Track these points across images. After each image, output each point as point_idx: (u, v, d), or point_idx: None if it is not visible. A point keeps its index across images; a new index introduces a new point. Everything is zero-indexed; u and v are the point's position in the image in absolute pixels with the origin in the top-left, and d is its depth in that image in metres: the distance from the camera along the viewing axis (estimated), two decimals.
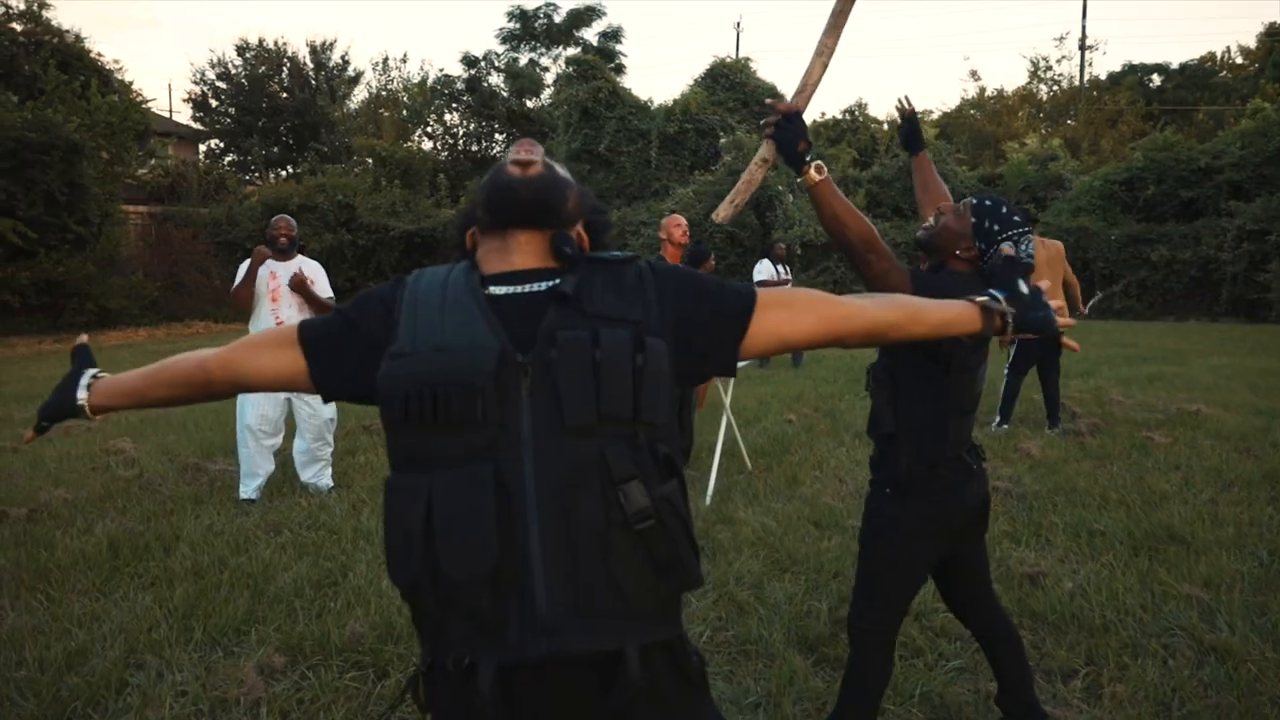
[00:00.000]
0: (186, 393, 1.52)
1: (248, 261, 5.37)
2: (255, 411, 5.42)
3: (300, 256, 5.57)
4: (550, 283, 1.30)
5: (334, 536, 4.67)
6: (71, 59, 21.07)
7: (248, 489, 5.48)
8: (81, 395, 1.52)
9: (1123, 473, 5.67)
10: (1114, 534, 4.46)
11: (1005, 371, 7.14)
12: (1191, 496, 5.14)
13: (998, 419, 7.19)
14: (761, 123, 2.18)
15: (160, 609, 3.72)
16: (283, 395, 5.51)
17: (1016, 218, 2.36)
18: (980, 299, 1.55)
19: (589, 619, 1.17)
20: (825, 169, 2.17)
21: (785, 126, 2.14)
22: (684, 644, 1.29)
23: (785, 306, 1.40)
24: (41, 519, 5.04)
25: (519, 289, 1.30)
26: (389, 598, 3.80)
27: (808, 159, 2.14)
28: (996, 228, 2.34)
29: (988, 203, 2.39)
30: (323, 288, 5.57)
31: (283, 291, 5.41)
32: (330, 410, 5.65)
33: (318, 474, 5.64)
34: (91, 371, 1.55)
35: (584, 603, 1.17)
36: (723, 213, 2.22)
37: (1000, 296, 1.56)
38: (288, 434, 5.74)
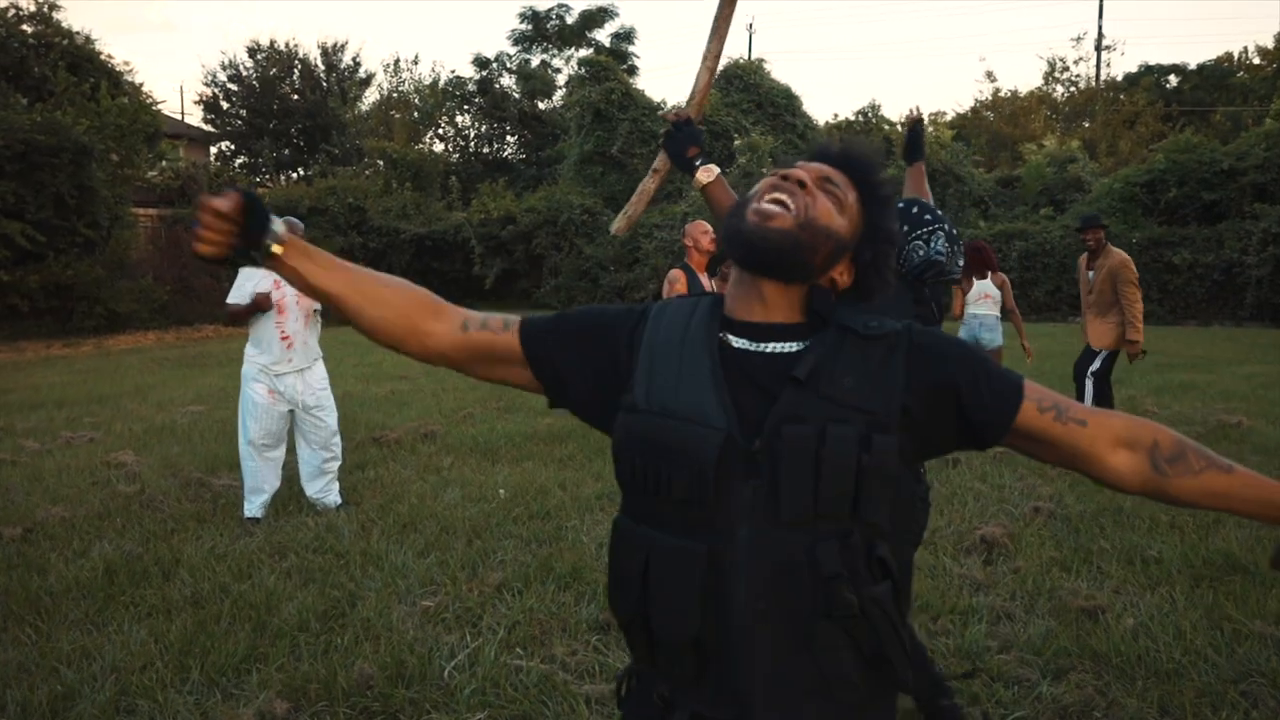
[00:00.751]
0: (393, 308, 1.35)
1: (251, 283, 5.08)
2: (258, 426, 5.19)
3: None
4: (794, 345, 1.24)
5: (341, 561, 4.43)
6: (81, 61, 20.95)
7: (252, 507, 5.25)
8: (278, 226, 1.27)
9: None
10: (1170, 561, 4.19)
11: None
12: (1246, 519, 4.85)
13: None
14: (661, 132, 2.29)
15: (155, 644, 3.49)
16: (285, 407, 5.28)
17: (927, 215, 2.38)
18: None
19: (788, 699, 1.18)
20: (716, 171, 2.18)
21: (675, 135, 2.19)
22: None
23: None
24: (36, 539, 4.82)
25: (758, 347, 1.25)
26: (399, 633, 3.57)
27: (698, 163, 2.16)
28: (906, 228, 2.35)
29: (899, 205, 2.34)
30: None
31: (288, 303, 5.16)
32: (335, 421, 5.42)
33: (324, 489, 5.41)
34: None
35: (784, 684, 1.18)
36: (619, 224, 2.28)
37: None
38: (289, 445, 5.49)
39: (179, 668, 3.29)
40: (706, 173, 2.16)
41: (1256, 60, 37.54)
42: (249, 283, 5.12)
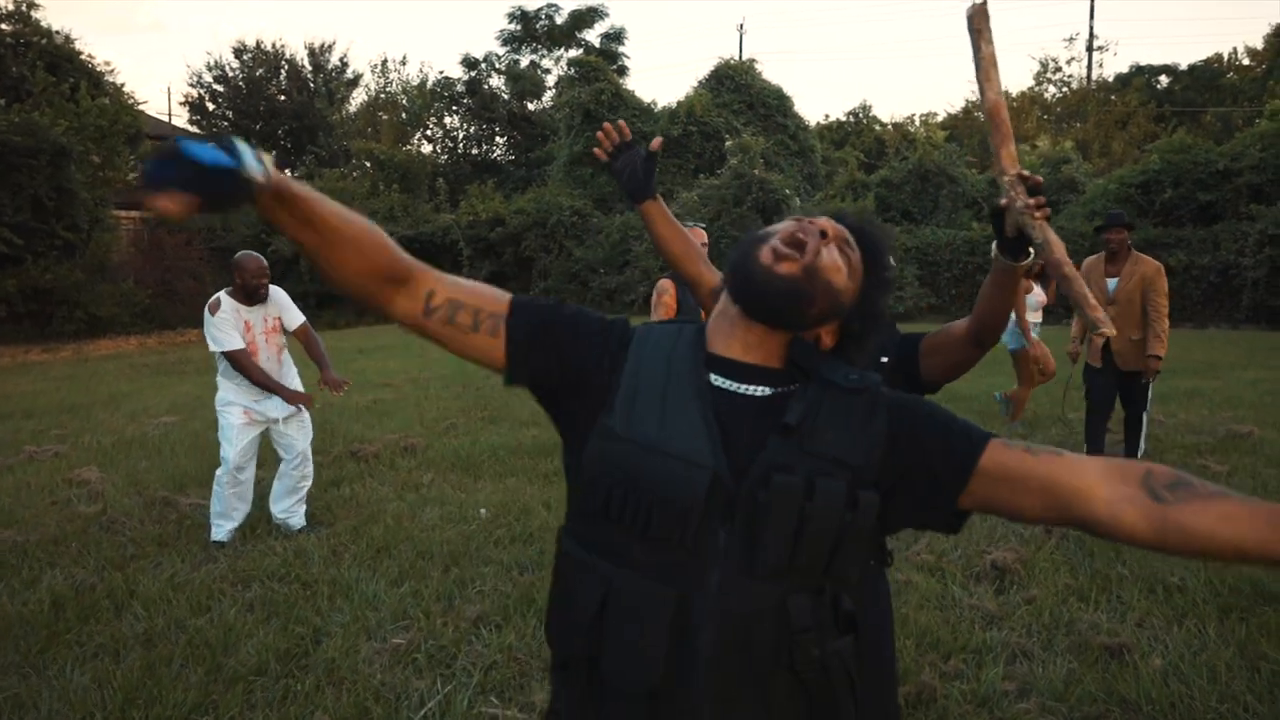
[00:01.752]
0: (356, 251, 1.21)
1: (226, 327, 4.81)
2: (237, 451, 4.91)
3: (270, 291, 5.00)
4: (771, 390, 1.21)
5: (308, 592, 4.14)
6: (60, 61, 20.58)
7: (220, 532, 4.96)
8: (253, 174, 1.08)
9: None
10: (1194, 590, 3.92)
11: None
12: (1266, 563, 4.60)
13: None
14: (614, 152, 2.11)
15: (99, 690, 3.19)
16: (260, 427, 5.02)
17: None
18: None
19: None
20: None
21: (639, 159, 2.06)
22: None
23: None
24: None
25: (736, 387, 1.21)
26: (365, 676, 3.28)
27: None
28: None
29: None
30: (294, 315, 5.08)
31: (259, 344, 4.95)
32: (308, 441, 5.15)
33: (289, 510, 5.11)
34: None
35: None
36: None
37: None
38: (259, 461, 5.20)
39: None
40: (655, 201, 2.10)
41: (1246, 61, 37.49)
42: (229, 319, 4.86)
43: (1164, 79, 38.34)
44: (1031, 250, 1.74)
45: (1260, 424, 7.42)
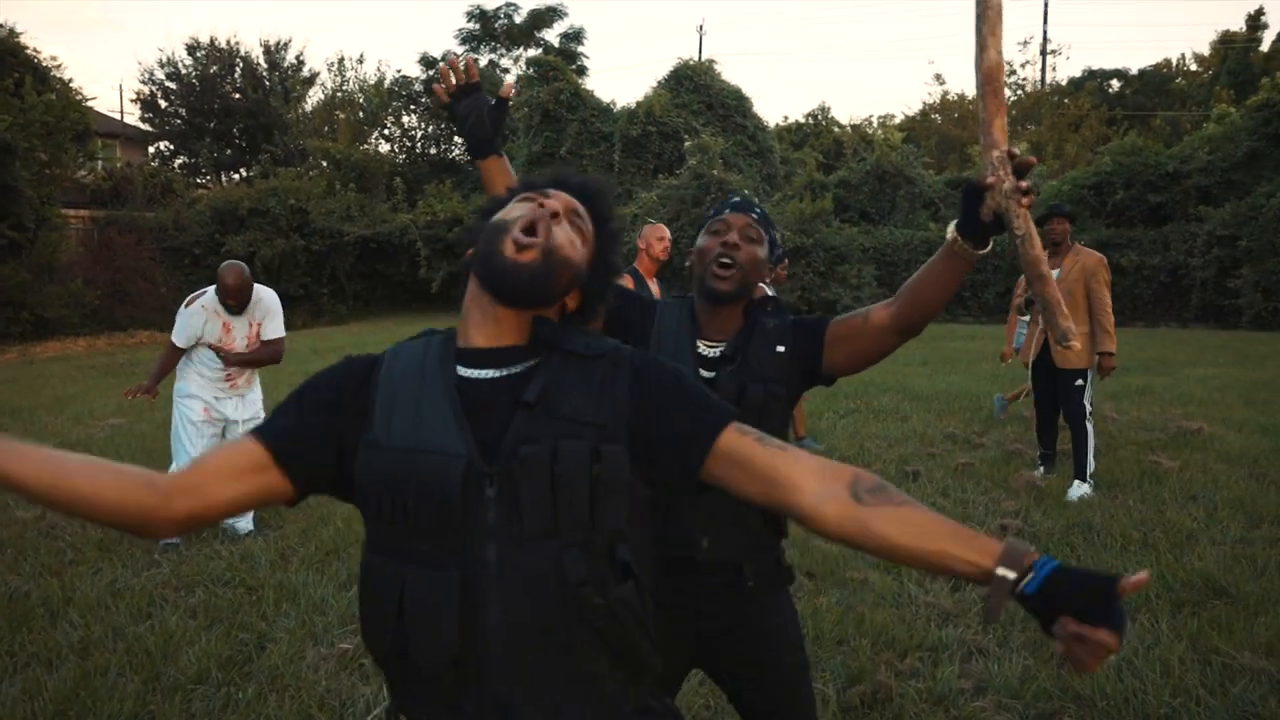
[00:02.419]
0: (114, 499, 1.26)
1: (197, 321, 4.68)
2: (200, 449, 4.83)
3: (256, 291, 4.87)
4: (520, 368, 1.30)
5: (254, 596, 4.03)
6: (4, 55, 20.02)
7: None
8: None
9: (1138, 505, 5.17)
10: (1148, 586, 3.93)
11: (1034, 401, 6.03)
12: (1219, 534, 4.65)
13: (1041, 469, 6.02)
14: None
15: (29, 702, 3.07)
16: (218, 426, 4.91)
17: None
18: None
19: (549, 704, 1.22)
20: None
21: (486, 106, 2.01)
22: None
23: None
24: None
25: (484, 374, 1.30)
26: (309, 683, 3.18)
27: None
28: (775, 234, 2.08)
29: (761, 210, 2.03)
30: (275, 328, 4.95)
31: (239, 347, 4.92)
32: None
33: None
34: None
35: (544, 690, 1.22)
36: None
37: None
38: None
39: None
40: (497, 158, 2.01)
41: (1193, 67, 38.29)
42: (195, 320, 4.73)
43: (1115, 83, 39.02)
44: (991, 241, 1.64)
45: (1210, 420, 7.52)
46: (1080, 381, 5.57)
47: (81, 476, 1.26)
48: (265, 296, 4.90)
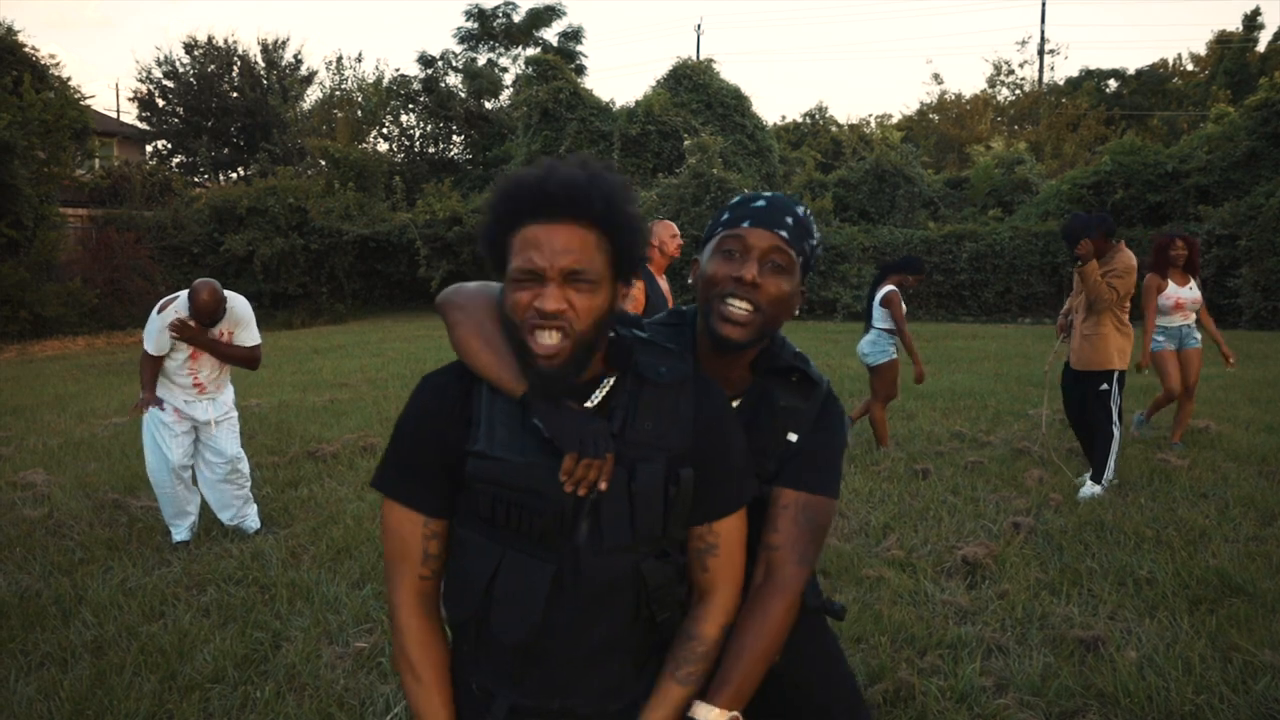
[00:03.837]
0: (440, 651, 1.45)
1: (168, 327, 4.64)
2: (180, 450, 4.78)
3: (227, 297, 4.79)
4: (597, 398, 1.36)
5: (267, 595, 4.01)
6: (3, 53, 19.97)
7: (180, 531, 4.82)
8: None
9: (1150, 504, 5.16)
10: (1164, 582, 3.93)
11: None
12: (1232, 532, 4.65)
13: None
14: None
15: (45, 701, 3.05)
16: (189, 425, 4.85)
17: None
18: None
19: (605, 689, 1.38)
20: None
21: None
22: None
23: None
24: None
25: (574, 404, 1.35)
26: (327, 682, 3.16)
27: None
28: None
29: (797, 215, 1.54)
30: (248, 336, 4.87)
31: (202, 353, 4.77)
32: (238, 445, 4.96)
33: (238, 515, 4.96)
34: None
35: (603, 677, 1.37)
36: None
37: None
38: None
39: None
40: None
41: (1190, 67, 38.34)
42: (158, 330, 4.67)
43: (1113, 83, 39.06)
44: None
45: (1216, 419, 7.52)
46: (1105, 386, 5.46)
47: (448, 684, 1.42)
48: (237, 305, 4.81)
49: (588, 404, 1.34)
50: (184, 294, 4.72)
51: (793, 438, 1.52)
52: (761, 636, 1.40)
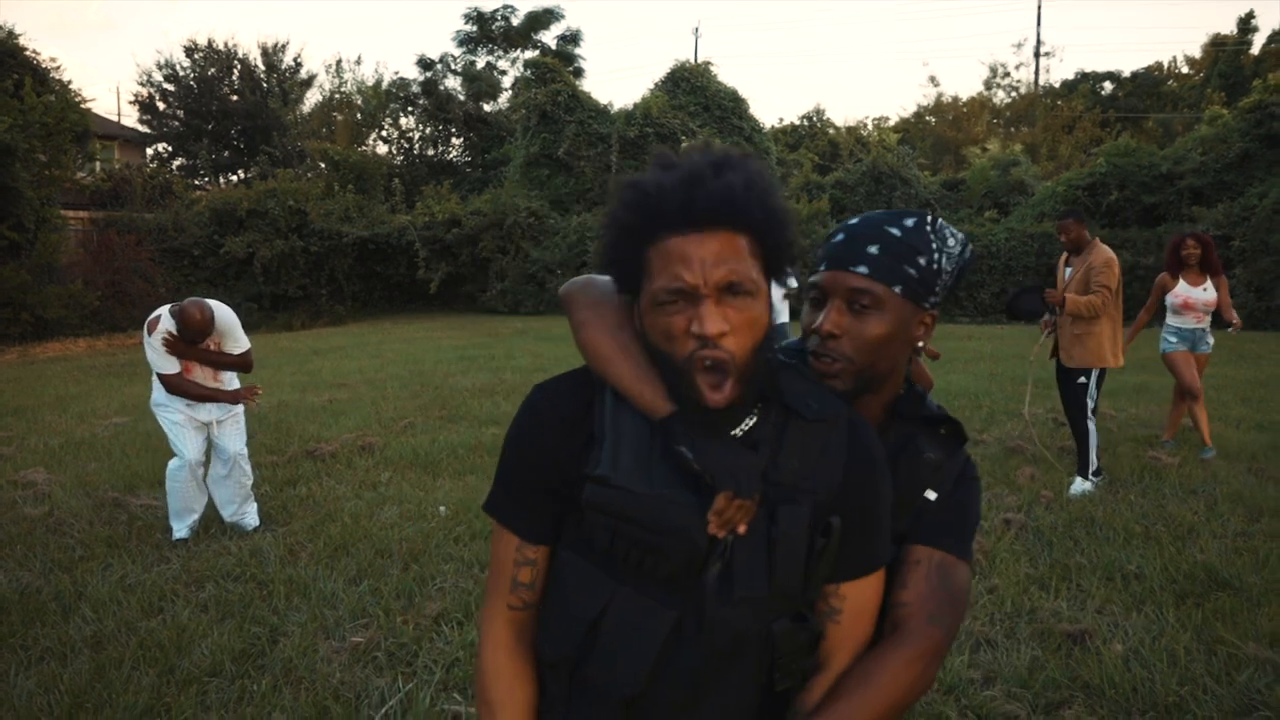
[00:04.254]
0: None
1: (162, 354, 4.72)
2: (195, 446, 4.84)
3: (212, 307, 4.84)
4: (745, 427, 1.18)
5: (264, 591, 4.05)
6: (4, 56, 20.03)
7: (182, 528, 4.86)
8: None
9: (1139, 500, 5.21)
10: (1151, 577, 3.98)
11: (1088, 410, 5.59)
12: (1220, 528, 4.70)
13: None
14: None
15: (45, 694, 3.09)
16: (205, 419, 4.91)
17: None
18: None
19: None
20: None
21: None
22: None
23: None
24: None
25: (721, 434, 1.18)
26: (323, 675, 3.21)
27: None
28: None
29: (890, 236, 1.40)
30: (235, 344, 4.92)
31: (195, 365, 4.85)
32: (241, 443, 5.01)
33: (239, 512, 5.02)
34: None
35: None
36: None
37: None
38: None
39: None
40: None
41: (1185, 69, 38.48)
42: (161, 350, 4.73)
43: (1108, 85, 39.19)
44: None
45: (1209, 418, 7.55)
46: (1083, 380, 5.57)
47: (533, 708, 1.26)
48: (221, 315, 4.87)
49: (734, 432, 1.17)
50: (165, 310, 4.78)
51: (931, 495, 1.35)
52: (868, 685, 1.19)
